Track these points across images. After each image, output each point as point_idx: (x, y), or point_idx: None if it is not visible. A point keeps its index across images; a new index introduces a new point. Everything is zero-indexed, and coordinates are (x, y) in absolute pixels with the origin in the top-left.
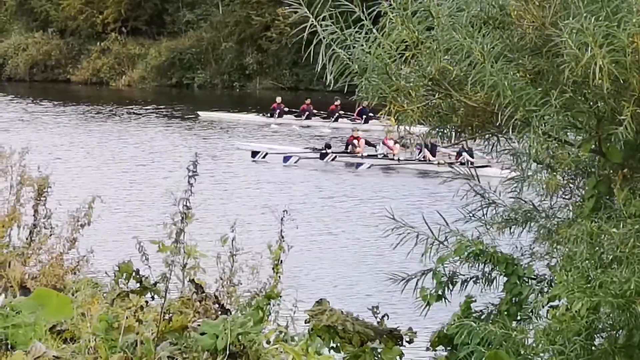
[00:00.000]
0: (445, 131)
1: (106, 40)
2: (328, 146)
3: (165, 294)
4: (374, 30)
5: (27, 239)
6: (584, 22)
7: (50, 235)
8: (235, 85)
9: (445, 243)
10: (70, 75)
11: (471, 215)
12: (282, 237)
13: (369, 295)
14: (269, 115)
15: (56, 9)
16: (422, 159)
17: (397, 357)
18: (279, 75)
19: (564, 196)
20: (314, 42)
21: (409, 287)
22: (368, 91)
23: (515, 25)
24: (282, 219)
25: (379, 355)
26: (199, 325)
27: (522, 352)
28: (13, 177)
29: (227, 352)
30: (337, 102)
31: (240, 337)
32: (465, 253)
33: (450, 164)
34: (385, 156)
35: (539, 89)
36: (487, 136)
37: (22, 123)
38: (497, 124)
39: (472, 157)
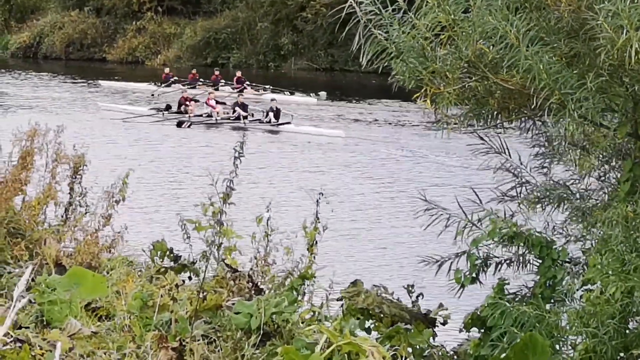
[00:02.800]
0: (481, 114)
1: (142, 20)
2: (169, 107)
3: (205, 273)
4: (409, 12)
5: (62, 216)
6: (619, 5)
7: (86, 213)
8: (270, 65)
9: (478, 224)
10: (106, 54)
11: (504, 195)
12: (318, 218)
13: (402, 277)
14: (159, 84)
15: None
16: (238, 118)
17: (430, 338)
18: (314, 55)
19: (597, 178)
20: (351, 23)
21: (442, 269)
22: (404, 73)
23: (551, 9)
24: (317, 201)
25: (412, 337)
26: (233, 304)
27: (555, 334)
28: (49, 155)
29: (261, 331)
30: (217, 73)
31: (274, 316)
32: (499, 236)
33: (259, 120)
34: (209, 115)
35: (575, 72)
36: (522, 119)
37: (59, 101)
38: (533, 107)
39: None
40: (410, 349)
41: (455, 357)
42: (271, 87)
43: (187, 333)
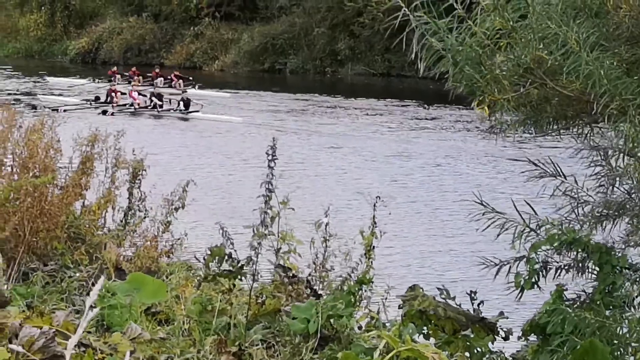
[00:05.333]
0: (538, 121)
1: (200, 25)
2: (97, 98)
3: (253, 278)
4: (467, 19)
5: (121, 221)
6: None
7: (145, 218)
8: (327, 70)
9: (536, 230)
10: (164, 59)
11: (564, 218)
12: (375, 223)
13: (461, 282)
14: (105, 80)
15: None
16: (154, 107)
17: (489, 344)
18: (371, 61)
19: None
20: (406, 29)
21: (501, 273)
22: (460, 80)
23: (611, 14)
24: (374, 205)
25: (471, 342)
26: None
27: (615, 342)
28: (108, 160)
29: (319, 334)
30: (157, 70)
31: (331, 320)
32: (558, 242)
33: (172, 109)
34: (131, 105)
35: (636, 78)
36: (580, 127)
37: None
38: (592, 114)
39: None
40: (467, 354)
41: None
42: (200, 84)
43: (245, 337)
